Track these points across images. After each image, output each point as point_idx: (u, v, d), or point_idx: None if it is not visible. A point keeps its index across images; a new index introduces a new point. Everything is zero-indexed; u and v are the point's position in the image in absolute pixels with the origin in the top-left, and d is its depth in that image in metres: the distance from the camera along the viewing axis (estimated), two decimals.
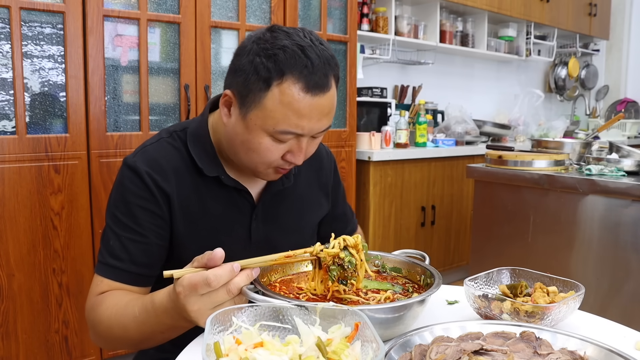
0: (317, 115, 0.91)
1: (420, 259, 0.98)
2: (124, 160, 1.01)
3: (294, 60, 0.88)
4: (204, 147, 1.02)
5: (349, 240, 0.86)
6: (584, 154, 2.41)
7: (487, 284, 0.96)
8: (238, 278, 0.75)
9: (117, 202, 0.98)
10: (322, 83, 0.90)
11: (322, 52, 0.90)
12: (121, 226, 0.96)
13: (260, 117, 0.90)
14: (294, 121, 0.89)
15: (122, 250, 0.95)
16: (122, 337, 0.90)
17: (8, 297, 1.88)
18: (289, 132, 0.91)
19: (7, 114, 1.87)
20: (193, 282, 0.74)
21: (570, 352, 0.70)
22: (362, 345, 0.60)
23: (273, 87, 0.88)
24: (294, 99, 0.88)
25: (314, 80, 0.88)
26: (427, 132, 3.32)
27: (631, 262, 1.93)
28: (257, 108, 0.90)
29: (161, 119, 2.23)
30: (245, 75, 0.90)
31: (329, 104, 0.93)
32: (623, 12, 5.31)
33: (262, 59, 0.89)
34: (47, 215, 1.94)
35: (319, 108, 0.91)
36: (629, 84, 5.39)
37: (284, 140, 0.92)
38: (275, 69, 0.88)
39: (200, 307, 0.74)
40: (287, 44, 0.89)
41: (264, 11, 2.46)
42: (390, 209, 3.03)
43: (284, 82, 0.88)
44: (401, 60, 3.70)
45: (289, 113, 0.89)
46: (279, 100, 0.88)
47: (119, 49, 2.09)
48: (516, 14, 4.11)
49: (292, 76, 0.88)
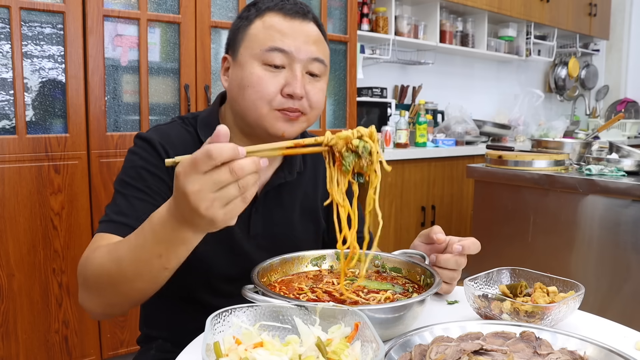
0: (301, 36, 0.96)
1: (420, 259, 0.98)
2: (137, 135, 1.02)
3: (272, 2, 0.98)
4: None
5: (362, 130, 0.76)
6: (584, 154, 2.41)
7: (487, 284, 0.96)
8: (243, 161, 0.66)
9: (127, 169, 0.98)
10: (300, 10, 0.98)
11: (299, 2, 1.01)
12: (130, 188, 0.95)
13: (248, 47, 0.96)
14: (278, 38, 0.95)
15: (128, 207, 0.92)
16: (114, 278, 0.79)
17: (8, 297, 1.88)
18: (275, 49, 0.94)
19: (7, 114, 1.87)
20: (193, 157, 0.65)
21: (570, 352, 0.70)
22: (362, 345, 0.60)
23: (255, 20, 0.97)
24: (274, 22, 0.96)
25: (289, 7, 0.97)
26: (427, 132, 3.32)
27: (631, 262, 1.93)
28: (245, 40, 0.97)
29: (161, 119, 2.23)
30: (233, 27, 1.02)
31: (313, 32, 0.98)
32: (623, 12, 5.31)
33: (246, 7, 1.01)
34: (47, 215, 1.94)
35: (302, 31, 0.96)
36: (629, 84, 5.39)
37: (273, 61, 0.95)
38: (256, 7, 0.99)
39: (201, 187, 0.64)
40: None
41: None
42: (390, 209, 3.03)
43: (264, 15, 0.97)
44: (401, 60, 3.70)
45: (272, 33, 0.95)
46: (262, 26, 0.96)
47: (119, 49, 2.09)
48: (516, 14, 4.11)
49: (270, 9, 0.98)
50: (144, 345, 1.14)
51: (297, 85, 0.95)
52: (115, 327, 2.11)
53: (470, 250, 0.97)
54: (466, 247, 0.96)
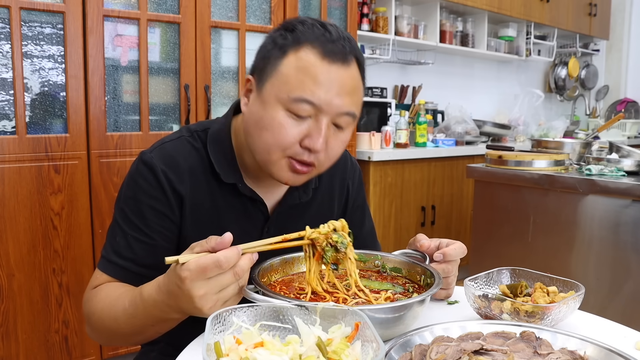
0: (335, 86, 0.85)
1: (421, 259, 0.98)
2: (140, 155, 0.96)
3: (312, 32, 0.86)
4: (224, 152, 0.98)
5: (335, 224, 0.86)
6: (584, 154, 2.41)
7: (487, 284, 0.96)
8: (242, 261, 0.73)
9: (128, 199, 0.94)
10: (341, 52, 0.85)
11: (343, 32, 0.89)
12: (129, 224, 0.93)
13: (275, 85, 0.86)
14: (309, 87, 0.84)
15: (127, 248, 0.93)
16: (114, 330, 0.87)
17: (8, 297, 1.88)
18: (304, 100, 0.84)
19: (7, 114, 1.87)
20: (202, 265, 0.70)
21: (571, 352, 0.70)
22: (362, 345, 0.60)
23: (289, 53, 0.86)
24: (310, 64, 0.84)
25: (331, 47, 0.85)
26: (427, 132, 3.32)
27: (631, 262, 1.93)
28: (273, 76, 0.87)
29: (161, 119, 2.23)
30: (263, 49, 0.91)
31: (350, 80, 0.87)
32: (623, 12, 5.31)
33: (281, 32, 0.89)
34: (47, 215, 1.94)
35: (338, 80, 0.85)
36: (629, 84, 5.39)
37: (299, 112, 0.85)
38: (292, 37, 0.86)
39: (206, 291, 0.71)
40: (308, 20, 0.89)
41: (264, 11, 2.46)
42: (390, 209, 3.03)
43: (300, 49, 0.85)
44: (401, 60, 3.70)
45: (304, 79, 0.84)
46: (295, 65, 0.85)
47: (119, 49, 2.09)
48: (516, 14, 4.11)
49: (309, 43, 0.85)
50: (146, 346, 1.13)
51: (319, 141, 0.86)
52: None
53: (453, 257, 0.94)
54: (447, 255, 0.94)
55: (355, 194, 1.18)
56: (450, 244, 0.96)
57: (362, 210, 1.20)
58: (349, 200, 1.16)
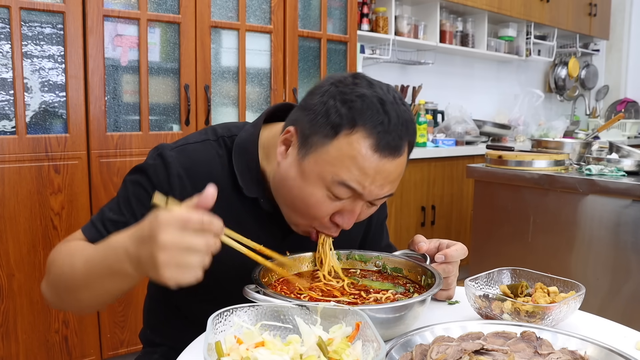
0: (381, 179, 0.82)
1: (421, 259, 0.98)
2: (161, 148, 0.92)
3: (371, 113, 0.80)
4: (248, 165, 0.94)
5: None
6: (584, 154, 2.41)
7: (487, 284, 0.96)
8: (217, 241, 0.67)
9: (135, 183, 0.91)
10: (395, 145, 0.81)
11: (403, 113, 0.83)
12: (126, 206, 0.90)
13: (320, 164, 0.82)
14: (355, 176, 0.81)
15: (113, 226, 0.88)
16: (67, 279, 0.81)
17: (8, 297, 1.88)
18: (347, 187, 0.81)
19: (7, 114, 1.87)
20: (184, 215, 0.64)
21: (571, 352, 0.71)
22: (363, 345, 0.61)
23: (341, 136, 0.80)
24: (360, 155, 0.80)
25: (386, 140, 0.80)
26: (427, 132, 3.32)
27: (631, 262, 1.93)
28: (319, 153, 0.82)
29: (161, 119, 2.23)
30: (314, 115, 0.83)
31: (396, 170, 0.84)
32: (623, 12, 5.31)
33: (337, 103, 0.81)
34: (47, 215, 1.94)
35: (385, 173, 0.82)
36: (629, 84, 5.39)
37: (339, 195, 0.83)
38: (347, 117, 0.80)
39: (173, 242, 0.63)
40: (367, 93, 0.81)
41: (264, 11, 2.46)
42: (390, 209, 3.03)
43: (353, 134, 0.80)
44: (401, 60, 3.70)
45: (352, 167, 0.80)
46: (345, 150, 0.80)
47: (119, 49, 2.09)
48: (516, 14, 4.11)
49: (365, 130, 0.80)
50: (148, 347, 1.12)
51: (350, 221, 0.86)
52: (115, 327, 2.11)
53: (454, 258, 0.94)
54: (449, 256, 0.93)
55: (379, 211, 1.15)
56: (451, 244, 0.96)
57: (382, 225, 1.18)
58: (372, 217, 1.13)
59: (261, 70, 2.49)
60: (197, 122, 2.27)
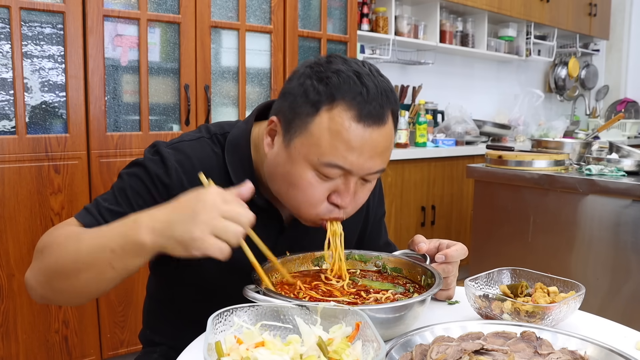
0: (369, 150, 0.81)
1: (421, 259, 0.98)
2: (156, 145, 0.92)
3: (348, 86, 0.80)
4: (241, 160, 0.94)
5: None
6: (584, 154, 2.41)
7: (487, 284, 0.96)
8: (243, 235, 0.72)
9: (132, 176, 0.90)
10: (377, 114, 0.80)
11: (381, 82, 0.83)
12: (123, 197, 0.88)
13: (305, 145, 0.82)
14: (341, 153, 0.80)
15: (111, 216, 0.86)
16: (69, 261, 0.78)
17: (8, 297, 1.88)
18: (335, 166, 0.81)
19: (7, 114, 1.87)
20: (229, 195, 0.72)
21: (571, 352, 0.71)
22: (363, 345, 0.61)
23: (322, 112, 0.80)
24: (343, 128, 0.79)
25: (368, 109, 0.79)
26: (427, 132, 3.32)
27: (631, 262, 1.93)
28: (302, 135, 0.82)
29: (161, 119, 2.23)
30: (293, 98, 0.84)
31: (383, 141, 0.83)
32: (623, 12, 5.31)
33: (313, 82, 0.82)
34: (47, 215, 1.94)
35: (372, 143, 0.81)
36: (629, 84, 5.39)
37: (329, 175, 0.83)
38: (325, 92, 0.80)
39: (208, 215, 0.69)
40: (343, 68, 0.82)
41: (264, 11, 2.46)
42: (390, 209, 3.03)
43: (334, 108, 0.80)
44: (401, 60, 3.70)
45: (336, 143, 0.80)
46: (327, 127, 0.80)
47: (119, 49, 2.09)
48: (516, 14, 4.11)
49: (344, 102, 0.79)
50: (147, 347, 1.12)
51: (347, 199, 0.85)
52: (115, 327, 2.11)
53: (455, 258, 0.94)
54: (449, 256, 0.93)
55: (376, 207, 1.15)
56: (451, 245, 0.96)
57: (380, 223, 1.18)
58: (370, 214, 1.13)
59: (261, 70, 2.49)
60: (197, 122, 2.27)
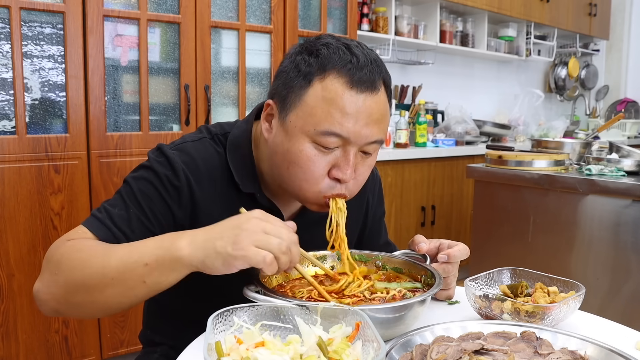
0: (364, 117, 0.82)
1: (421, 259, 0.98)
2: (160, 148, 0.91)
3: (338, 56, 0.82)
4: (243, 160, 0.95)
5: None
6: (584, 154, 2.41)
7: (487, 284, 0.96)
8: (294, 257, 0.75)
9: (140, 179, 0.89)
10: (369, 80, 0.82)
11: (370, 53, 0.85)
12: (133, 201, 0.88)
13: (301, 117, 0.83)
14: (337, 120, 0.81)
15: (124, 221, 0.86)
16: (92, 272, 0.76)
17: (8, 297, 1.88)
18: (331, 133, 0.82)
19: (7, 114, 1.87)
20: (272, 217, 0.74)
21: (571, 352, 0.71)
22: (363, 345, 0.61)
23: (315, 82, 0.82)
24: (337, 95, 0.81)
25: (359, 75, 0.81)
26: (427, 132, 3.32)
27: (631, 262, 1.93)
28: (297, 107, 0.83)
29: (161, 119, 2.23)
30: (285, 74, 0.86)
31: (378, 108, 0.84)
32: (623, 12, 5.31)
33: (304, 56, 0.84)
34: (47, 215, 1.94)
35: (367, 109, 0.82)
36: (629, 84, 5.39)
37: (326, 144, 0.83)
38: (317, 63, 0.83)
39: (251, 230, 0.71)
40: (332, 41, 0.84)
41: (264, 11, 2.46)
42: (390, 209, 3.03)
43: (326, 77, 0.82)
44: (401, 60, 3.70)
45: (331, 110, 0.81)
46: (321, 96, 0.82)
47: (119, 49, 2.09)
48: (516, 14, 4.11)
49: (335, 71, 0.82)
50: (148, 347, 1.12)
51: (347, 171, 0.85)
52: (115, 327, 2.11)
53: (456, 258, 0.94)
54: (451, 256, 0.94)
55: (376, 206, 1.15)
56: (452, 245, 0.96)
57: (380, 222, 1.18)
58: (369, 213, 1.14)
59: (261, 70, 2.49)
60: (197, 122, 2.27)
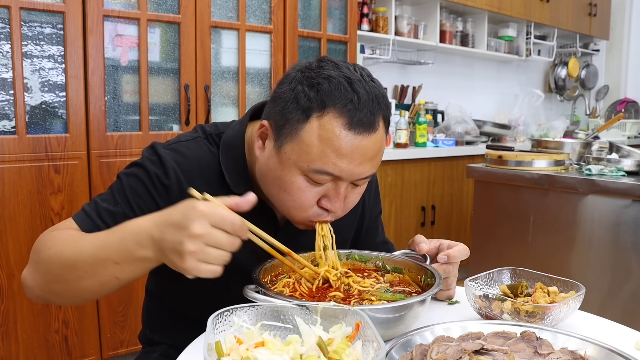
0: (358, 157, 0.82)
1: (421, 259, 0.98)
2: (154, 146, 0.92)
3: (339, 92, 0.80)
4: (236, 161, 0.95)
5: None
6: (584, 154, 2.41)
7: (487, 284, 0.96)
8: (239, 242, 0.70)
9: (131, 176, 0.90)
10: (368, 121, 0.81)
11: (372, 89, 0.83)
12: (122, 198, 0.88)
13: (295, 151, 0.82)
14: (331, 160, 0.81)
15: (110, 216, 0.87)
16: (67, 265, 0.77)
17: (8, 297, 1.88)
18: (324, 172, 0.82)
19: (7, 114, 1.87)
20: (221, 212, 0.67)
21: (571, 352, 0.71)
22: (363, 345, 0.60)
23: (312, 118, 0.81)
24: (334, 135, 0.80)
25: (358, 117, 0.80)
26: (427, 132, 3.32)
27: (631, 262, 1.93)
28: (293, 141, 0.82)
29: (161, 119, 2.23)
30: (284, 103, 0.84)
31: (373, 147, 0.83)
32: (623, 12, 5.31)
33: (304, 87, 0.82)
34: (47, 215, 1.94)
35: (362, 150, 0.82)
36: (629, 84, 5.39)
37: (319, 181, 0.83)
38: (316, 99, 0.80)
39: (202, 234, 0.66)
40: (334, 74, 0.82)
41: (264, 11, 2.46)
42: (390, 209, 3.03)
43: (324, 115, 0.80)
44: (401, 60, 3.70)
45: (326, 150, 0.80)
46: (317, 134, 0.80)
47: (119, 49, 2.09)
48: (516, 14, 4.11)
49: (335, 109, 0.80)
50: (147, 347, 1.12)
51: (337, 204, 0.86)
52: (115, 327, 2.11)
53: (456, 259, 0.94)
54: (451, 257, 0.94)
55: (372, 206, 1.15)
56: (452, 245, 0.96)
57: (376, 221, 1.18)
58: (365, 212, 1.14)
59: (261, 70, 2.49)
60: (197, 122, 2.27)
